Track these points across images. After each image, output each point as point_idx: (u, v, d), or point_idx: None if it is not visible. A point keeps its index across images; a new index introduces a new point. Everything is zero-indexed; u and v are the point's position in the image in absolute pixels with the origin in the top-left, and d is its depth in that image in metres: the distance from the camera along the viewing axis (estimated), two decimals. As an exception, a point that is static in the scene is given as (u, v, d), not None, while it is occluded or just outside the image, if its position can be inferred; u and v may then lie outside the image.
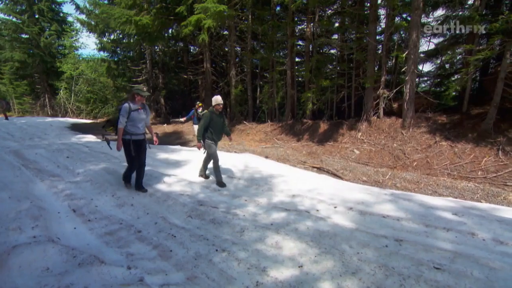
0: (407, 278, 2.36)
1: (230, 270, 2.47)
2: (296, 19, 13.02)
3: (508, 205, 4.48)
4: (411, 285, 2.28)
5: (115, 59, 18.60)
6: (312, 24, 11.10)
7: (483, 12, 7.43)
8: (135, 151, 4.37)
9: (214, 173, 5.14)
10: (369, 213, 3.79)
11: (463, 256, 2.71)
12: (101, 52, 18.70)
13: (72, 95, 23.87)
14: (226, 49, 15.44)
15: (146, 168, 6.25)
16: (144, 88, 4.59)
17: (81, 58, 23.88)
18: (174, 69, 18.35)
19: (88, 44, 56.36)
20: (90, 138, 10.72)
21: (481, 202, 4.65)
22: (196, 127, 8.59)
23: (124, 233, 3.17)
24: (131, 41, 16.23)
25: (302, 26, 13.54)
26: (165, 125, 15.82)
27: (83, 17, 18.67)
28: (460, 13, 9.20)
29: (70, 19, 25.09)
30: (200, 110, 9.26)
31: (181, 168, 6.43)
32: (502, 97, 6.73)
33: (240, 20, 13.57)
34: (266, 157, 7.98)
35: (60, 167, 5.90)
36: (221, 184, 5.05)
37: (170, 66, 18.59)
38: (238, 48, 15.39)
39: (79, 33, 25.57)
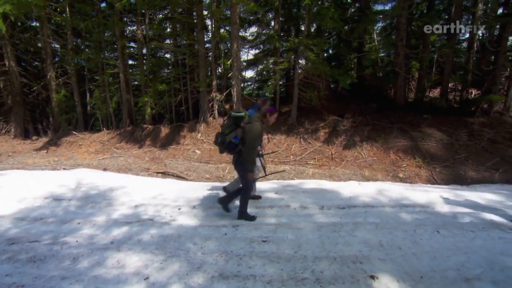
0: (243, 257, 2.73)
1: (56, 314, 2.03)
2: (125, 19, 12.03)
3: (309, 178, 6.02)
4: (246, 262, 2.65)
5: None
6: (143, 26, 10.60)
7: (281, 34, 9.54)
8: None
9: None
10: (211, 207, 4.09)
11: (282, 226, 3.42)
12: None
13: None
14: (39, 45, 12.23)
15: None
16: None
17: None
18: (-51, 64, 12.76)
19: None
20: None
21: (294, 179, 6.00)
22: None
23: None
24: None
25: (133, 27, 12.64)
26: None
27: None
28: (266, 31, 11.41)
29: None
30: None
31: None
32: (299, 98, 8.91)
33: (55, 11, 11.11)
34: (105, 169, 7.11)
35: None
36: None
37: None
38: (56, 46, 12.57)
39: None
